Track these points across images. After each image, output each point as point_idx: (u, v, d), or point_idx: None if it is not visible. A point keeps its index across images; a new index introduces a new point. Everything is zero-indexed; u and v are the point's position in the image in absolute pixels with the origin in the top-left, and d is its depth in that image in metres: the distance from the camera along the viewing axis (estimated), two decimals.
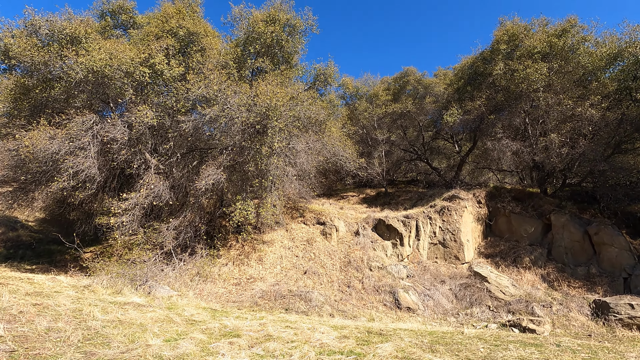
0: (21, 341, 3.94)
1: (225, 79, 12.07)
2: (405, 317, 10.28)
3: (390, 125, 21.49)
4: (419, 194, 19.91)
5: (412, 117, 20.76)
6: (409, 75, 21.20)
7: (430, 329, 7.77)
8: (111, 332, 4.72)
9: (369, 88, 22.92)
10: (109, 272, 9.80)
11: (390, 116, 20.68)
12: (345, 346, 4.93)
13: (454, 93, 19.09)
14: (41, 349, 3.82)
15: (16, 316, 4.64)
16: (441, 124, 18.94)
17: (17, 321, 4.46)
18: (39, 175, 11.11)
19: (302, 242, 13.85)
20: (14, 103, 12.35)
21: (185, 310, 7.15)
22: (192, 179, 12.56)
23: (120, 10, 14.44)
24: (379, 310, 10.65)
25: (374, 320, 9.45)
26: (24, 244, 14.91)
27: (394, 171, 24.83)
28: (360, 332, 6.14)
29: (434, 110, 20.42)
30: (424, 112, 20.73)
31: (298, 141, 13.15)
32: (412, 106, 19.94)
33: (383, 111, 20.30)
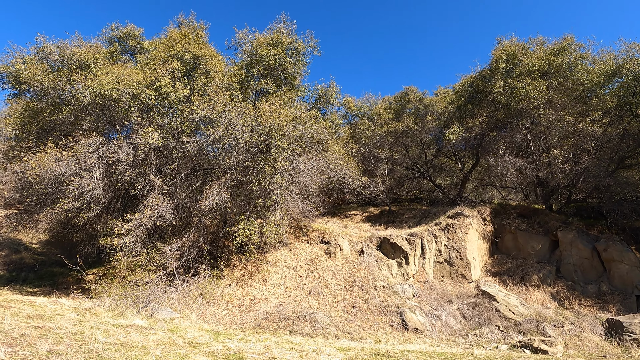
0: None
1: (229, 101, 12.30)
2: (412, 339, 10.01)
3: (393, 143, 21.64)
4: (423, 212, 19.79)
5: (414, 135, 20.92)
6: (410, 94, 21.51)
7: (439, 350, 7.54)
8: (113, 355, 4.63)
9: (370, 107, 23.24)
10: (112, 294, 9.69)
11: (392, 134, 20.86)
12: None
13: (454, 111, 19.31)
14: None
15: (17, 339, 4.57)
16: (443, 142, 19.05)
17: (19, 344, 4.39)
18: (44, 197, 11.19)
19: (306, 262, 13.69)
20: (22, 126, 12.62)
21: (187, 332, 7.01)
22: (195, 199, 12.59)
23: (128, 37, 14.94)
24: (385, 331, 10.39)
25: (380, 341, 9.21)
26: (27, 267, 14.86)
27: (397, 189, 24.79)
28: (367, 354, 5.97)
29: (436, 128, 20.59)
30: (425, 130, 20.89)
31: (301, 160, 13.24)
32: (413, 124, 20.13)
33: (385, 130, 20.49)
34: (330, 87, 15.75)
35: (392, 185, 22.83)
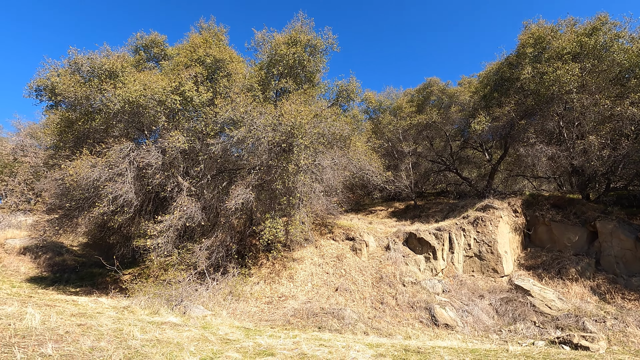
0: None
1: (250, 101, 12.46)
2: (443, 335, 9.82)
3: (416, 136, 21.23)
4: (450, 206, 19.32)
5: (438, 128, 20.43)
6: (432, 86, 21.00)
7: (472, 346, 7.35)
8: (150, 351, 4.82)
9: (392, 101, 22.89)
10: (147, 293, 10.10)
11: (416, 127, 20.46)
12: None
13: (480, 100, 18.67)
14: None
15: (63, 336, 4.85)
16: (469, 133, 18.49)
17: (64, 341, 4.66)
18: (82, 201, 11.80)
19: (332, 259, 13.71)
20: (59, 136, 13.34)
21: (219, 329, 7.20)
22: (222, 200, 12.88)
23: (152, 44, 15.43)
24: (415, 327, 10.24)
25: (410, 338, 9.09)
26: (69, 268, 15.74)
27: (423, 183, 24.32)
28: (397, 350, 5.91)
29: (461, 119, 20.01)
30: (450, 122, 20.35)
31: (324, 157, 13.24)
32: (437, 116, 19.65)
33: (408, 123, 20.13)
34: (351, 82, 15.63)
35: (417, 179, 22.41)
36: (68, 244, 18.30)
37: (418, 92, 22.23)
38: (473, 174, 24.06)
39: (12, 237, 16.34)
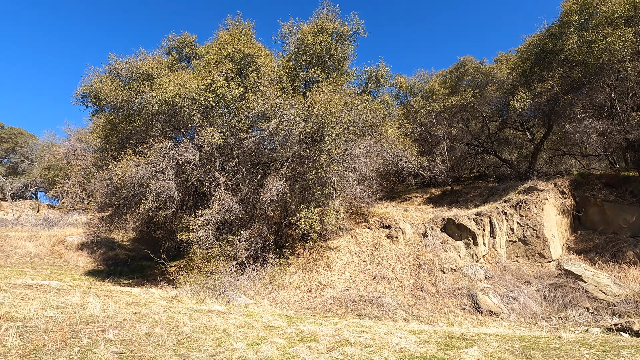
0: (127, 345, 4.42)
1: (280, 94, 12.55)
2: (487, 322, 9.53)
3: (450, 119, 20.44)
4: (490, 189, 18.53)
5: (473, 109, 19.53)
6: (466, 65, 20.03)
7: (520, 333, 7.07)
8: (200, 337, 5.08)
9: (423, 84, 22.13)
10: (192, 284, 10.62)
11: (450, 110, 19.68)
12: (427, 351, 4.69)
13: (519, 77, 17.58)
14: (144, 352, 4.24)
15: (121, 323, 5.22)
16: (508, 112, 17.51)
17: (123, 327, 5.02)
18: (129, 199, 12.54)
19: (368, 247, 13.66)
20: (105, 138, 14.20)
21: (262, 317, 7.44)
22: (257, 192, 13.18)
23: (183, 45, 15.89)
24: (457, 314, 10.02)
25: (452, 325, 8.91)
26: (121, 262, 16.88)
27: (459, 167, 23.47)
28: (440, 337, 5.81)
29: (498, 98, 18.99)
30: (486, 102, 19.38)
31: (355, 146, 13.12)
32: (472, 97, 18.77)
33: (441, 106, 19.41)
34: (380, 68, 15.27)
35: (453, 163, 21.65)
36: (119, 239, 19.59)
37: (451, 73, 21.31)
38: (513, 155, 22.85)
39: (70, 235, 17.75)
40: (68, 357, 3.85)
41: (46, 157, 28.74)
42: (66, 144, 27.85)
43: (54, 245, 16.75)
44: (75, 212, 22.64)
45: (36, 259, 15.37)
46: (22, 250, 15.61)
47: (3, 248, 15.29)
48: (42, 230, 18.41)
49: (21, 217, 21.82)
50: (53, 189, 25.90)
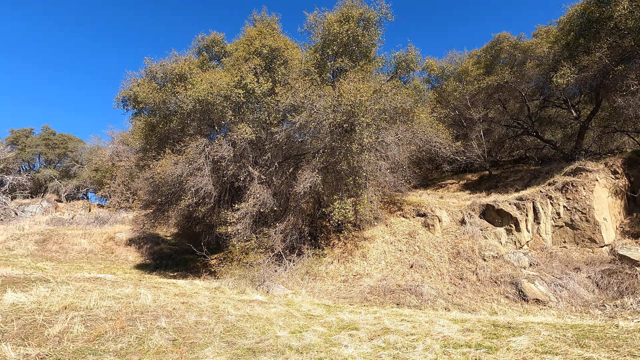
0: (178, 332, 4.68)
1: (309, 85, 12.54)
2: (534, 310, 9.13)
3: (486, 101, 19.49)
4: (532, 172, 17.57)
5: (511, 88, 18.49)
6: (502, 42, 18.91)
7: (571, 322, 6.72)
8: (244, 325, 5.28)
9: (455, 66, 21.20)
10: (232, 275, 11.03)
11: (485, 91, 18.76)
12: (472, 339, 4.59)
13: (562, 50, 16.36)
14: (194, 339, 4.48)
15: (171, 312, 5.54)
16: (550, 89, 16.43)
17: (173, 316, 5.33)
18: (170, 196, 13.16)
19: (404, 236, 13.47)
20: (145, 139, 14.93)
21: (301, 306, 7.59)
22: (290, 185, 13.35)
23: (212, 44, 16.27)
24: (500, 302, 9.68)
25: (496, 313, 8.62)
26: (166, 255, 17.83)
27: (497, 151, 22.41)
28: (485, 325, 5.65)
29: (538, 75, 17.82)
30: (525, 80, 18.27)
31: (387, 134, 12.90)
32: (509, 76, 17.76)
33: (475, 87, 18.53)
34: (409, 52, 14.82)
35: (490, 147, 20.70)
36: (163, 234, 20.68)
37: (485, 52, 20.23)
38: (557, 135, 21.44)
39: (119, 231, 18.97)
40: (127, 343, 4.14)
41: (93, 160, 30.76)
42: (110, 147, 29.63)
43: (106, 241, 17.98)
44: (122, 210, 24.14)
45: (91, 254, 16.60)
46: (79, 247, 16.91)
47: (62, 245, 16.63)
48: (94, 228, 19.81)
49: (75, 217, 23.60)
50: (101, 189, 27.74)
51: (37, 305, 5.12)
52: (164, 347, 4.13)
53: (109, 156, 28.43)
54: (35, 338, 4.07)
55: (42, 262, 13.51)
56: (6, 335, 4.06)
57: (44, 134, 37.07)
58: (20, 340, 3.97)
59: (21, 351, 3.68)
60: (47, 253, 15.78)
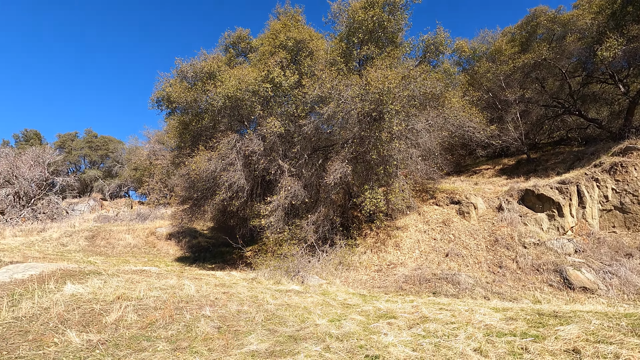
0: (222, 320, 4.90)
1: (335, 75, 12.45)
2: (581, 299, 8.70)
3: (522, 80, 18.48)
4: (575, 154, 16.56)
5: (549, 65, 17.40)
6: (539, 17, 17.77)
7: (624, 310, 6.34)
8: (284, 313, 5.42)
9: (488, 46, 20.21)
10: (268, 266, 11.31)
11: (521, 70, 17.78)
12: (516, 328, 4.45)
13: (607, 20, 15.14)
14: (237, 326, 4.66)
15: (214, 301, 5.79)
16: (594, 64, 15.31)
17: (216, 305, 5.57)
18: (205, 191, 13.64)
19: (438, 224, 13.20)
20: (179, 137, 15.49)
21: (337, 295, 7.68)
22: (320, 176, 13.40)
23: (238, 40, 16.49)
24: (543, 291, 9.29)
25: (540, 302, 8.30)
26: (203, 248, 18.57)
27: (535, 133, 21.29)
28: (528, 314, 5.45)
29: (580, 49, 16.62)
30: (565, 56, 17.11)
31: (417, 120, 12.59)
32: (548, 52, 16.70)
33: (510, 67, 17.61)
34: (438, 34, 14.26)
35: (528, 129, 19.69)
36: (200, 228, 21.52)
37: (520, 29, 19.11)
38: (602, 113, 19.99)
39: (159, 227, 19.95)
40: (177, 330, 4.39)
41: (132, 159, 32.41)
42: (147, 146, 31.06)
43: (148, 236, 18.98)
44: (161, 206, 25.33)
45: (135, 248, 17.60)
46: (124, 242, 17.97)
47: (109, 241, 17.75)
48: (137, 224, 20.95)
49: (119, 214, 25.05)
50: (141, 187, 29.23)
51: (94, 296, 5.52)
52: (211, 334, 4.33)
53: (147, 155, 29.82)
54: (94, 325, 4.41)
55: (92, 256, 14.51)
56: (69, 323, 4.43)
57: (87, 137, 39.45)
58: (82, 327, 4.32)
59: (84, 337, 4.00)
60: (96, 248, 16.92)
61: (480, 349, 3.75)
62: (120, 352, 3.72)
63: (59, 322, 4.40)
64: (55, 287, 5.87)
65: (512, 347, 3.77)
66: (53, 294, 5.46)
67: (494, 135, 16.12)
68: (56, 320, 4.46)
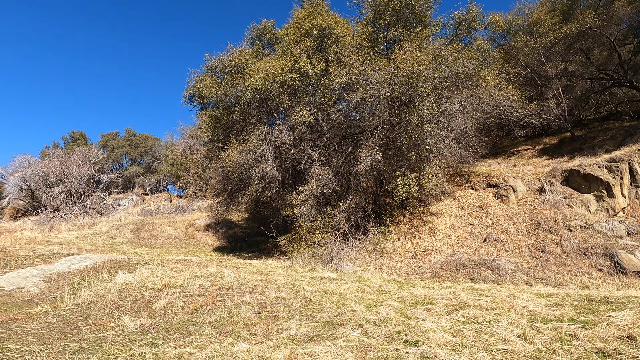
0: (262, 306, 5.07)
1: (362, 61, 12.22)
2: (635, 284, 8.15)
3: (564, 53, 17.19)
4: (626, 129, 15.32)
5: (595, 34, 16.04)
6: None
7: None
8: (320, 300, 5.53)
9: (525, 18, 18.92)
10: (302, 254, 11.52)
11: (563, 42, 16.53)
12: (562, 314, 4.26)
13: None
14: (277, 312, 4.82)
15: (253, 289, 6.00)
16: None
17: (255, 292, 5.77)
18: (239, 183, 14.01)
19: (474, 209, 12.78)
20: (212, 132, 15.94)
21: (372, 282, 7.70)
22: (350, 164, 13.34)
23: (264, 32, 16.56)
24: (592, 276, 8.79)
25: (588, 287, 7.87)
26: (239, 238, 19.20)
27: (580, 109, 19.87)
28: (576, 300, 5.20)
29: (631, 14, 15.17)
30: (614, 22, 15.67)
31: (449, 102, 12.14)
32: (593, 20, 15.38)
33: (550, 39, 16.41)
34: (469, 10, 13.54)
35: (572, 105, 18.40)
36: (235, 219, 22.23)
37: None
38: None
39: (197, 218, 20.82)
40: (220, 316, 4.61)
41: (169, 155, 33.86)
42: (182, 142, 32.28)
43: (187, 228, 19.88)
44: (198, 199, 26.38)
45: (176, 239, 18.52)
46: (165, 233, 18.96)
47: (152, 233, 18.78)
48: (177, 216, 21.99)
49: (160, 207, 26.39)
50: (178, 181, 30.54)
51: (143, 284, 5.90)
52: (252, 320, 4.51)
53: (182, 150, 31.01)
54: (145, 311, 4.72)
55: (138, 247, 15.44)
56: (123, 309, 4.77)
57: (127, 136, 41.62)
58: (135, 313, 4.65)
59: (137, 322, 4.30)
60: (141, 240, 17.98)
61: (525, 335, 3.63)
62: (170, 336, 3.97)
63: (114, 308, 4.75)
64: (108, 277, 6.33)
65: (559, 334, 3.63)
66: (107, 283, 5.90)
67: (534, 114, 15.23)
68: (111, 306, 4.82)
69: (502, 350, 3.33)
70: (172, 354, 3.29)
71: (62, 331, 3.92)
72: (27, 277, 6.32)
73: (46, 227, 19.72)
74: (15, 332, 3.78)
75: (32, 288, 5.77)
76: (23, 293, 5.50)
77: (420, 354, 3.29)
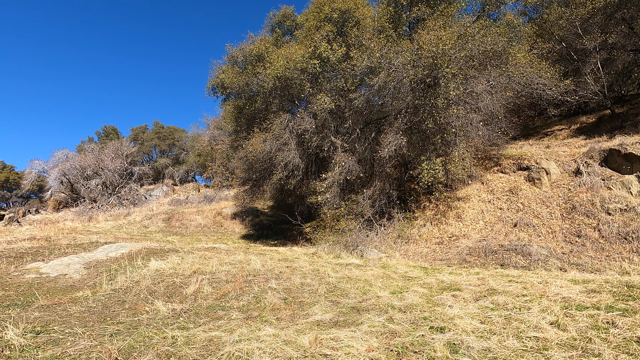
0: (287, 292, 5.17)
1: (384, 43, 11.89)
2: None
3: (604, 24, 15.94)
4: None
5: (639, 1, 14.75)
6: None
7: None
8: (345, 286, 5.57)
9: None
10: (327, 241, 11.59)
11: (602, 11, 15.32)
12: (599, 301, 4.07)
13: None
14: (302, 298, 4.90)
15: (279, 275, 6.12)
16: None
17: (281, 278, 5.89)
18: (263, 171, 14.20)
19: (504, 193, 12.33)
20: (235, 122, 16.15)
21: (397, 268, 7.65)
22: (374, 150, 13.16)
23: (284, 19, 16.42)
24: (633, 261, 8.31)
25: (628, 273, 7.46)
26: (265, 226, 19.58)
27: (621, 84, 18.50)
28: (614, 286, 4.94)
29: None
30: None
31: (477, 83, 11.63)
32: None
33: (589, 9, 15.25)
34: None
35: (612, 80, 17.17)
36: (260, 207, 22.66)
37: None
38: None
39: (224, 207, 21.38)
40: (247, 301, 4.75)
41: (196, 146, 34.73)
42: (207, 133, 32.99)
43: (215, 216, 20.48)
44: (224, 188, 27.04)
45: (205, 228, 19.14)
46: (195, 222, 19.63)
47: (182, 222, 19.50)
48: (205, 206, 22.67)
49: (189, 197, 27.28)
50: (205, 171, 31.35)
51: (174, 271, 6.16)
52: (278, 305, 4.62)
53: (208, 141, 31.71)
54: (177, 296, 4.93)
55: (169, 236, 16.10)
56: (156, 294, 5.01)
57: (155, 129, 43.00)
58: (167, 298, 4.87)
59: (169, 306, 4.51)
60: (172, 228, 18.73)
61: (558, 322, 3.50)
62: (200, 320, 4.13)
63: (148, 294, 5.00)
64: (142, 264, 6.65)
65: (596, 321, 3.47)
66: (141, 269, 6.20)
67: (569, 91, 14.34)
68: (145, 291, 5.07)
69: (533, 338, 3.23)
70: (202, 337, 3.43)
71: (102, 314, 4.17)
72: (69, 265, 6.75)
73: (85, 218, 20.93)
74: (60, 315, 4.06)
75: (74, 274, 6.17)
76: (66, 279, 5.89)
77: (446, 340, 3.25)
